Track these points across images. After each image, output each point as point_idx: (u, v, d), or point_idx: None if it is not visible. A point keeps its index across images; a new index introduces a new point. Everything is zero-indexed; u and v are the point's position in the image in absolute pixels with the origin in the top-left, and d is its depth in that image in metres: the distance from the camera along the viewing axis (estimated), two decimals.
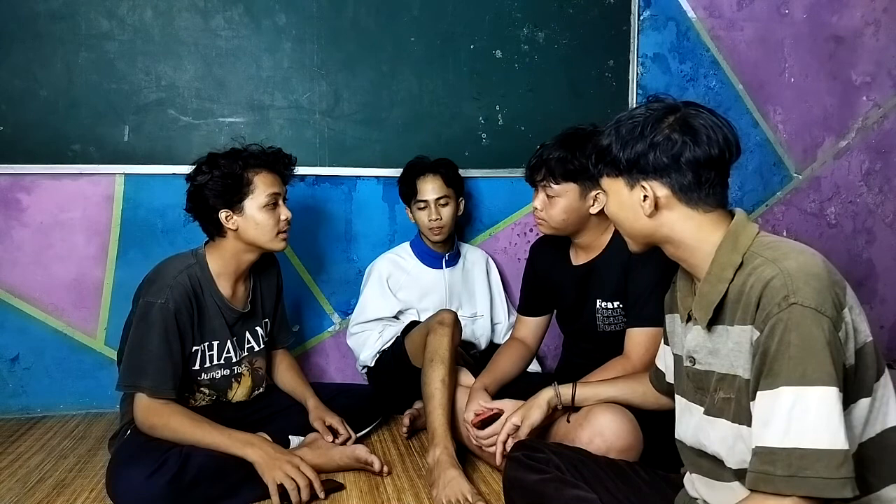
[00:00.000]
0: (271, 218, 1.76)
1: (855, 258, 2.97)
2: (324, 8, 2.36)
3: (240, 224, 1.75)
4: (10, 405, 2.26)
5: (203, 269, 1.76)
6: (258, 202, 1.75)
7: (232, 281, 1.81)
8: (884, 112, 2.93)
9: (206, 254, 1.79)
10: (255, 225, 1.75)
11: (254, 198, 1.75)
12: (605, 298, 1.77)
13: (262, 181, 1.76)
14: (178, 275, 1.70)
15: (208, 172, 1.73)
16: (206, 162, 1.76)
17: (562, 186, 1.71)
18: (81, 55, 2.20)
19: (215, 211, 1.73)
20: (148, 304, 1.66)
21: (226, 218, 1.74)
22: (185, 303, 1.69)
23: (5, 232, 2.22)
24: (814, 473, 0.89)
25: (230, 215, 1.74)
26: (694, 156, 1.06)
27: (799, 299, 0.93)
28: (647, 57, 2.68)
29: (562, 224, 1.75)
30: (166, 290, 1.67)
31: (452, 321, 1.91)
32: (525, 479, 1.33)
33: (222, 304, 1.78)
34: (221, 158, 1.75)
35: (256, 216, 1.75)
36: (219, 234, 1.78)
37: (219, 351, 1.80)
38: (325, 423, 1.85)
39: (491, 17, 2.51)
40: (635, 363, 1.64)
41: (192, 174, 1.77)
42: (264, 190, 1.76)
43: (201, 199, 1.75)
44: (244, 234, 1.76)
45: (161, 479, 1.49)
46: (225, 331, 1.80)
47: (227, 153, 1.77)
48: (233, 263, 1.80)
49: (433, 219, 2.24)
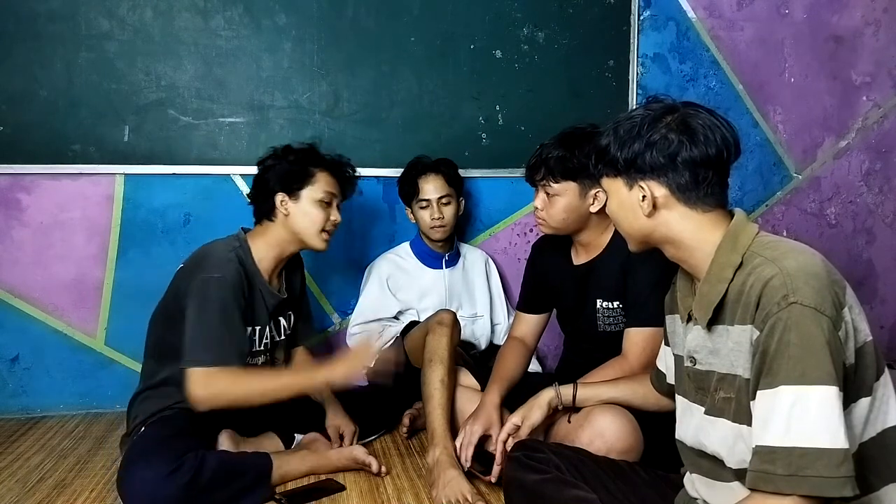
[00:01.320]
0: (322, 214, 1.81)
1: (855, 258, 2.97)
2: (324, 8, 2.36)
3: (292, 211, 1.79)
4: (10, 405, 2.26)
5: (247, 254, 1.77)
6: (315, 195, 1.80)
7: (272, 268, 1.82)
8: (884, 112, 2.93)
9: (249, 239, 1.81)
10: (305, 215, 1.79)
11: (312, 190, 1.80)
12: (605, 298, 1.76)
13: (323, 178, 1.82)
14: (230, 253, 1.71)
15: (280, 158, 1.83)
16: (282, 149, 1.85)
17: (561, 185, 1.71)
18: (81, 55, 2.20)
19: (273, 193, 1.79)
20: (205, 279, 1.64)
21: (281, 202, 1.79)
22: (240, 280, 1.68)
23: (5, 232, 2.22)
24: (814, 472, 0.89)
25: (285, 200, 1.79)
26: (690, 155, 1.06)
27: (798, 298, 0.93)
28: (647, 57, 2.68)
29: (562, 223, 1.75)
30: (223, 265, 1.67)
31: (451, 321, 1.91)
32: (525, 479, 1.33)
33: (265, 288, 1.79)
34: (296, 149, 1.85)
35: (309, 207, 1.80)
36: (269, 218, 1.81)
37: (260, 336, 1.80)
38: (340, 431, 1.85)
39: (491, 17, 2.51)
40: (633, 363, 1.64)
41: (264, 157, 1.85)
42: (323, 186, 1.82)
43: (263, 181, 1.81)
44: (293, 221, 1.80)
45: (179, 481, 1.47)
46: (265, 317, 1.81)
47: (302, 147, 1.86)
48: (275, 251, 1.81)
49: (435, 217, 2.24)
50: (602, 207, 1.69)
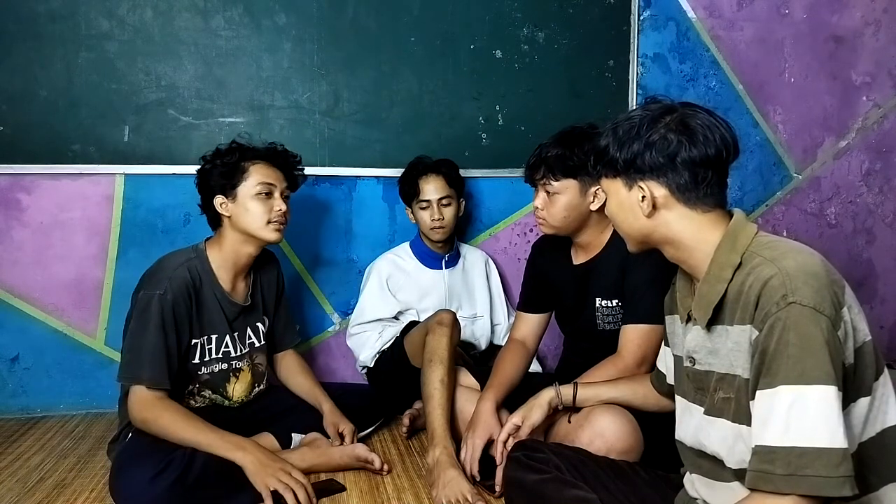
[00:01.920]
0: (262, 206, 1.78)
1: (855, 258, 2.97)
2: (324, 8, 2.36)
3: (232, 210, 1.79)
4: (10, 405, 2.26)
5: (203, 262, 1.78)
6: (250, 190, 1.78)
7: (232, 275, 1.83)
8: (884, 112, 2.93)
9: (207, 248, 1.82)
10: (245, 211, 1.78)
11: (246, 185, 1.79)
12: (604, 297, 1.77)
13: (256, 170, 1.81)
14: (178, 268, 1.73)
15: (211, 160, 1.82)
16: (212, 153, 1.85)
17: (561, 183, 1.71)
18: (81, 55, 2.20)
19: (212, 198, 1.80)
20: (146, 295, 1.67)
21: (220, 204, 1.79)
22: (184, 294, 1.70)
23: (5, 232, 2.22)
24: (813, 472, 0.89)
25: (224, 202, 1.79)
26: (690, 155, 1.07)
27: (797, 298, 0.94)
28: (647, 57, 2.68)
29: (563, 222, 1.75)
30: (165, 281, 1.69)
31: (451, 321, 1.92)
32: (525, 479, 1.33)
33: (222, 297, 1.80)
34: (224, 149, 1.85)
35: (247, 203, 1.78)
36: (217, 224, 1.83)
37: (217, 345, 1.80)
38: (339, 430, 1.85)
39: (491, 17, 2.51)
40: (627, 360, 1.64)
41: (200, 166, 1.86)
42: (258, 178, 1.79)
43: (203, 189, 1.83)
44: (236, 221, 1.79)
45: (165, 481, 1.48)
46: (224, 325, 1.81)
47: (230, 145, 1.86)
48: (231, 256, 1.82)
49: (435, 218, 2.24)
50: (602, 205, 1.69)
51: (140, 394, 1.64)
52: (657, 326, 1.62)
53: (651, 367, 1.63)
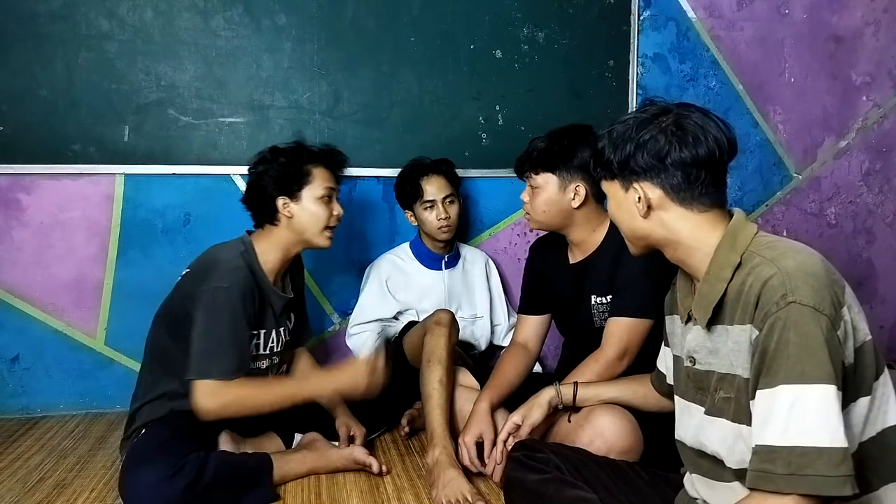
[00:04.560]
0: (325, 210, 1.80)
1: (855, 258, 2.97)
2: (324, 8, 2.36)
3: (295, 212, 1.78)
4: (10, 405, 2.26)
5: (253, 257, 1.76)
6: (315, 193, 1.79)
7: (276, 272, 1.82)
8: (884, 112, 2.93)
9: (254, 242, 1.79)
10: (310, 215, 1.78)
11: (311, 188, 1.79)
12: (598, 294, 1.77)
13: (319, 174, 1.81)
14: (236, 259, 1.70)
15: (272, 161, 1.79)
16: (269, 152, 1.82)
17: (542, 177, 1.73)
18: (81, 55, 2.20)
19: (273, 198, 1.77)
20: (215, 289, 1.64)
21: (283, 205, 1.77)
22: (249, 286, 1.68)
23: (5, 232, 2.22)
24: (814, 471, 0.89)
25: (287, 202, 1.78)
26: (680, 156, 1.07)
27: (797, 298, 0.94)
28: (647, 57, 2.68)
29: (544, 217, 1.76)
30: (231, 273, 1.66)
31: (449, 321, 1.91)
32: (525, 479, 1.33)
33: (272, 292, 1.79)
34: (285, 149, 1.82)
35: (312, 206, 1.79)
36: (271, 222, 1.80)
37: (265, 340, 1.80)
38: (350, 432, 1.84)
39: (491, 17, 2.51)
40: (608, 353, 1.64)
41: (254, 163, 1.83)
42: (322, 182, 1.80)
43: (260, 188, 1.79)
44: (298, 222, 1.78)
45: (181, 483, 1.47)
46: (272, 320, 1.80)
47: (290, 146, 1.84)
48: (280, 253, 1.81)
49: (442, 217, 2.24)
50: (583, 203, 1.72)
51: (206, 386, 1.60)
52: (642, 320, 1.63)
53: (633, 360, 1.64)
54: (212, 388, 1.60)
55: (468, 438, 1.67)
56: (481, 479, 1.72)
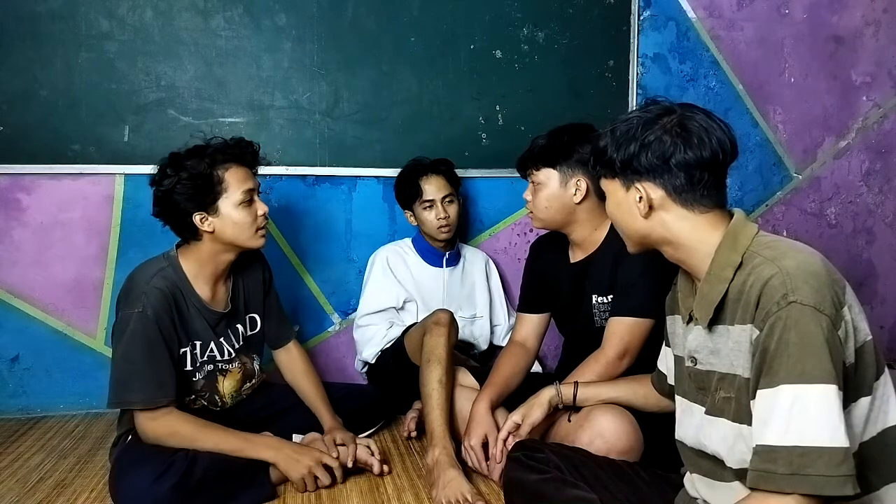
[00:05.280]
0: (248, 215, 1.68)
1: (855, 258, 2.97)
2: (324, 8, 2.36)
3: (216, 225, 1.66)
4: (10, 405, 2.26)
5: (177, 271, 1.68)
6: (233, 199, 1.66)
7: (211, 283, 1.73)
8: (884, 112, 2.93)
9: (180, 256, 1.70)
10: (233, 224, 1.66)
11: (228, 196, 1.65)
12: (599, 293, 1.77)
13: (233, 178, 1.66)
14: (151, 279, 1.62)
15: (174, 175, 1.63)
16: (169, 164, 1.65)
17: (543, 173, 1.75)
18: (81, 55, 2.20)
19: (188, 215, 1.63)
20: (125, 315, 1.59)
21: (201, 220, 1.64)
22: (164, 306, 1.61)
23: (5, 232, 2.22)
24: (815, 471, 0.89)
25: (205, 217, 1.65)
26: (685, 157, 1.07)
27: (798, 298, 0.94)
28: (647, 57, 2.68)
29: (546, 214, 1.76)
30: (141, 297, 1.59)
31: (448, 321, 1.91)
32: (525, 479, 1.33)
33: (201, 307, 1.71)
34: (185, 159, 1.64)
35: (233, 215, 1.66)
36: (194, 238, 1.69)
37: (202, 349, 1.74)
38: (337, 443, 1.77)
39: (491, 17, 2.51)
40: (608, 353, 1.65)
41: (156, 178, 1.66)
42: (238, 186, 1.66)
43: (171, 204, 1.64)
44: (221, 234, 1.67)
45: (167, 483, 1.46)
46: (208, 332, 1.74)
47: (190, 151, 1.67)
48: (210, 265, 1.71)
49: (441, 217, 2.24)
50: (585, 198, 1.73)
51: (144, 415, 1.58)
52: (643, 320, 1.64)
53: (634, 360, 1.65)
54: (149, 418, 1.58)
55: (474, 441, 1.67)
56: (481, 479, 1.72)
